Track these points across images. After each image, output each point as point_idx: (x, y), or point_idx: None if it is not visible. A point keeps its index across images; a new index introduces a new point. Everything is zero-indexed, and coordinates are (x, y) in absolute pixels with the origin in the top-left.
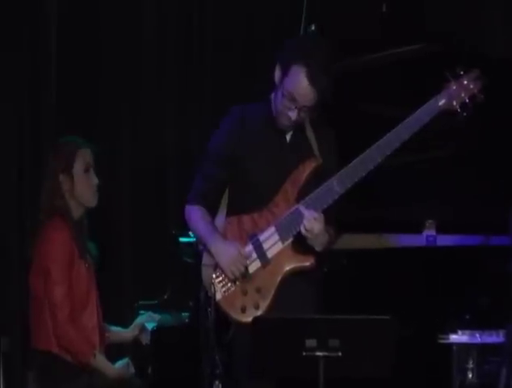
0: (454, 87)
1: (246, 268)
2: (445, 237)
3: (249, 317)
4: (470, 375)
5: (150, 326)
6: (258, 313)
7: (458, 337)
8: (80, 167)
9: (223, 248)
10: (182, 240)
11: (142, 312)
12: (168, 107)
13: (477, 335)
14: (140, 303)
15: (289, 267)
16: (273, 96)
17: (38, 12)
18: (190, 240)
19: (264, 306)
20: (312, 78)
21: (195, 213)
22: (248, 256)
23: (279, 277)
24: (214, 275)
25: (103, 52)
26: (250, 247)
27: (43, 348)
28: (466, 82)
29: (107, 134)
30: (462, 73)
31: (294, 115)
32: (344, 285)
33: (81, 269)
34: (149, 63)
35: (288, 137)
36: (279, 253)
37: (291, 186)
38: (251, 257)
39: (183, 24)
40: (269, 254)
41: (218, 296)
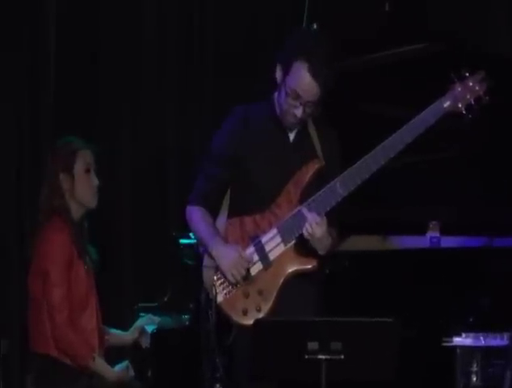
0: (459, 89)
1: (248, 271)
2: (449, 238)
3: (250, 319)
4: (474, 378)
5: (150, 328)
6: (260, 315)
7: (462, 340)
8: (80, 167)
9: (224, 251)
10: (182, 242)
11: (142, 314)
12: (168, 107)
13: (481, 338)
14: (140, 305)
15: (291, 269)
16: (276, 96)
17: (37, 12)
18: (190, 242)
19: (266, 309)
20: (314, 73)
21: (196, 214)
22: (249, 259)
23: (281, 280)
24: (215, 277)
25: (103, 51)
26: (252, 249)
27: (41, 351)
28: (471, 84)
29: (107, 134)
30: (467, 74)
31: (299, 112)
32: (346, 287)
33: (80, 271)
34: (149, 63)
35: (291, 138)
36: (281, 255)
37: (293, 187)
38: (253, 259)
39: (184, 24)
40: (271, 256)
41: (219, 298)
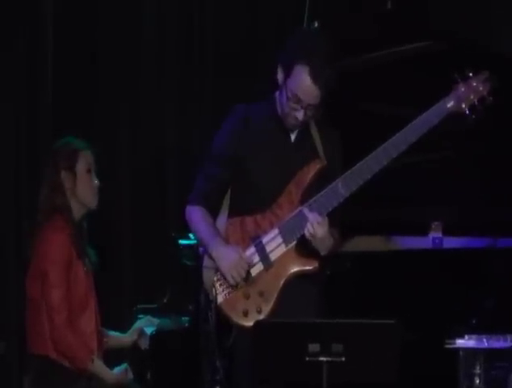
0: (462, 89)
1: (248, 272)
2: (451, 239)
3: (251, 321)
4: (477, 381)
5: (149, 330)
6: (261, 317)
7: (464, 342)
8: (82, 167)
9: (224, 252)
10: (181, 242)
11: (141, 316)
12: (168, 107)
13: (484, 340)
14: (138, 307)
15: (293, 270)
16: (277, 96)
17: (34, 12)
18: (190, 242)
19: (267, 310)
20: (315, 76)
21: (196, 214)
22: (250, 261)
23: (282, 281)
24: (215, 277)
25: (101, 51)
26: (253, 250)
27: (40, 353)
28: (475, 84)
29: (106, 134)
30: (471, 74)
31: (301, 115)
32: (348, 288)
33: (79, 272)
34: (148, 63)
35: (293, 137)
36: (283, 256)
37: (295, 187)
38: (253, 260)
39: (183, 23)
40: (272, 257)
41: (219, 299)
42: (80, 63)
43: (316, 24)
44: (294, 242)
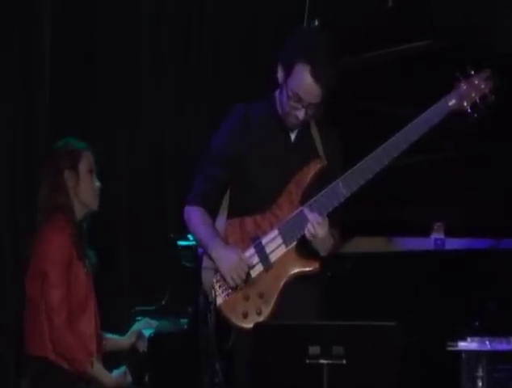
0: (464, 87)
1: (248, 273)
2: (454, 240)
3: (250, 323)
4: (480, 383)
5: (147, 332)
6: (261, 319)
7: (467, 344)
8: (84, 167)
9: (224, 254)
10: (180, 244)
11: (139, 318)
12: (166, 107)
13: (487, 343)
14: (137, 309)
15: (293, 271)
16: (277, 95)
17: (31, 11)
18: (188, 243)
19: (267, 312)
20: (316, 75)
21: (195, 215)
22: (250, 263)
23: (282, 282)
24: (215, 279)
25: (99, 51)
26: (252, 251)
27: (38, 354)
28: (477, 82)
29: (104, 135)
30: (472, 72)
31: (302, 114)
32: (349, 290)
33: (79, 273)
34: (146, 62)
35: (293, 137)
36: (283, 257)
37: (295, 187)
38: (253, 261)
39: (182, 23)
40: (272, 258)
41: (219, 300)
42: (77, 63)
43: (316, 23)
44: (294, 243)
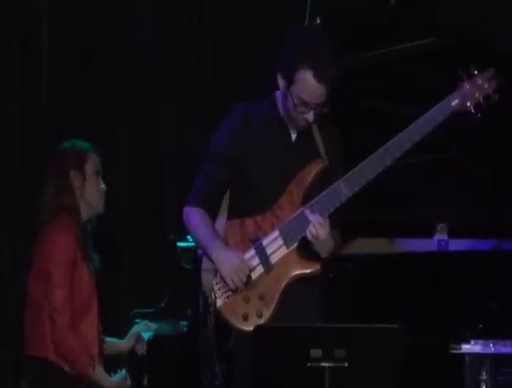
0: (467, 87)
1: (249, 276)
2: (457, 241)
3: (251, 325)
4: (483, 387)
5: (146, 335)
6: (261, 321)
7: (470, 347)
8: (90, 168)
9: (224, 255)
10: (180, 245)
11: (138, 320)
12: (166, 107)
13: (491, 345)
14: (136, 311)
15: (294, 273)
16: (279, 97)
17: (29, 11)
18: (188, 245)
19: (267, 314)
20: (319, 77)
21: (195, 215)
22: (250, 266)
23: (283, 284)
24: (214, 281)
25: (97, 51)
26: (253, 252)
27: (38, 355)
28: (480, 82)
29: (102, 135)
30: (476, 72)
31: (311, 116)
32: (351, 292)
33: (83, 274)
34: (145, 62)
35: (293, 137)
36: (284, 258)
37: (296, 187)
38: (254, 263)
39: (182, 23)
40: (272, 259)
41: (219, 302)
42: (75, 63)
43: (318, 21)
44: (295, 244)
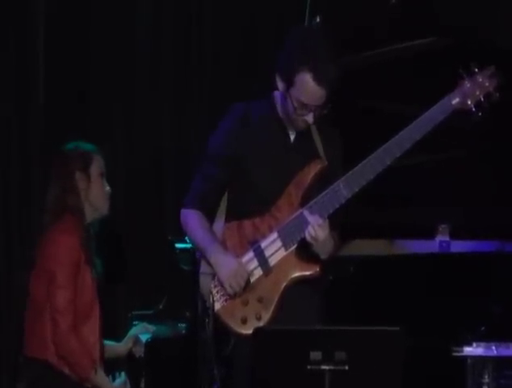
0: (468, 85)
1: (248, 280)
2: (459, 243)
3: (250, 329)
4: None
5: (144, 337)
6: (260, 324)
7: (473, 349)
8: (95, 170)
9: (223, 260)
10: (178, 246)
11: (136, 323)
12: (165, 107)
13: (493, 348)
14: (134, 313)
15: (293, 275)
16: (278, 97)
17: (25, 11)
18: (187, 246)
19: (266, 317)
20: (318, 79)
21: (192, 218)
22: (249, 270)
23: (282, 286)
24: (212, 284)
25: (94, 50)
26: (251, 254)
27: (38, 356)
28: (481, 80)
29: (100, 135)
30: (476, 70)
31: (311, 118)
32: (351, 294)
33: (86, 277)
34: (144, 62)
35: (292, 138)
36: (282, 260)
37: (295, 189)
38: (252, 265)
39: (181, 23)
40: (271, 261)
41: (217, 306)
42: (72, 63)
43: (318, 19)
44: (294, 246)
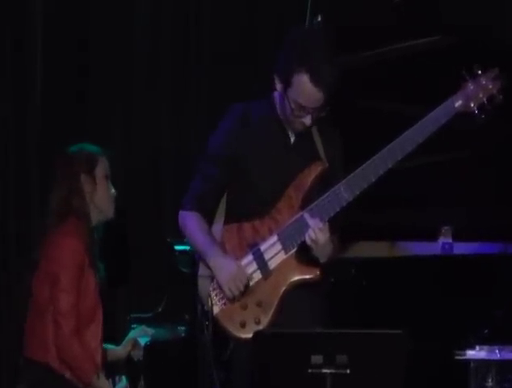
0: (471, 87)
1: (247, 284)
2: (462, 245)
3: (249, 333)
4: None
5: (143, 340)
6: (259, 328)
7: (476, 353)
8: (100, 172)
9: (222, 263)
10: (177, 248)
11: (135, 326)
12: (164, 107)
13: (496, 351)
14: (132, 316)
15: (293, 279)
16: (277, 98)
17: (22, 11)
18: (186, 248)
19: (265, 321)
20: (316, 80)
21: (191, 220)
22: (248, 274)
23: (282, 290)
24: (211, 287)
25: (92, 50)
26: (250, 258)
27: (39, 359)
28: (484, 82)
29: (98, 136)
30: (480, 72)
31: (308, 120)
32: (352, 297)
33: (90, 280)
34: (142, 62)
35: (292, 139)
36: (282, 264)
37: (295, 191)
38: (251, 269)
39: (180, 22)
40: (271, 265)
41: (215, 309)
42: (70, 63)
43: (319, 18)
44: (294, 250)
